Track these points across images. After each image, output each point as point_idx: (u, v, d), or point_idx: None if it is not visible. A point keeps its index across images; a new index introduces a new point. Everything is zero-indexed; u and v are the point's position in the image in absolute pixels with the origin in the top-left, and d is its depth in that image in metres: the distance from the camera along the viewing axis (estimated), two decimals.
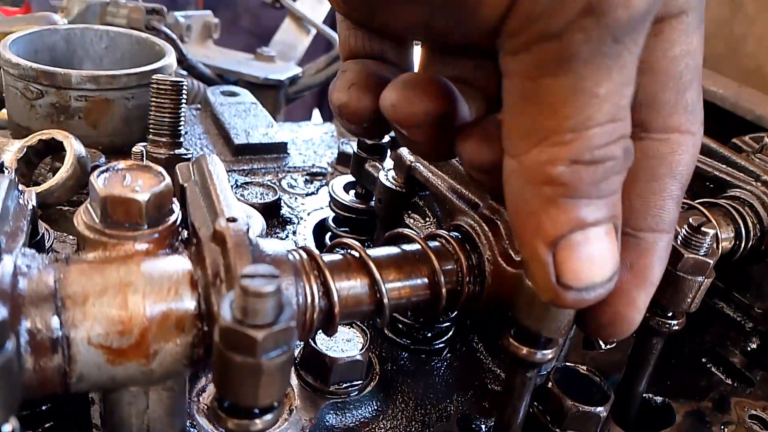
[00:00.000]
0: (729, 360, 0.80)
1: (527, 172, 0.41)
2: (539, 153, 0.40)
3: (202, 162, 0.58)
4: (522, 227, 0.43)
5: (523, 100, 0.40)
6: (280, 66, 1.58)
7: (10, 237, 0.49)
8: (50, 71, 0.91)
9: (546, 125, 0.39)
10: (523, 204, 0.42)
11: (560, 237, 0.41)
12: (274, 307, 0.39)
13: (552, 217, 0.41)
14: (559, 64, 0.37)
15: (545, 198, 0.41)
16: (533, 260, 0.43)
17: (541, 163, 0.40)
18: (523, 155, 0.41)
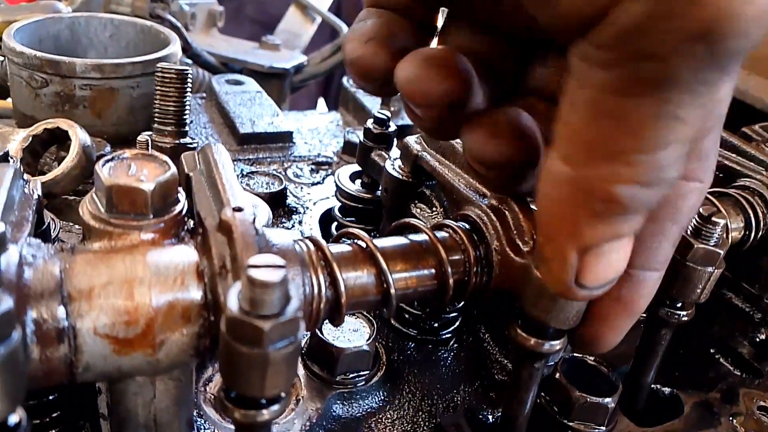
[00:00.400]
0: (737, 351, 0.80)
1: (583, 183, 0.40)
2: (602, 168, 0.38)
3: (207, 151, 0.57)
4: (555, 229, 0.43)
5: (598, 113, 0.37)
6: (285, 54, 1.57)
7: (15, 227, 0.49)
8: (55, 60, 0.91)
9: (619, 143, 0.37)
10: (564, 209, 0.42)
11: (594, 246, 0.42)
12: (281, 297, 0.39)
13: (593, 228, 0.41)
14: (653, 85, 0.35)
15: (592, 211, 0.40)
16: (557, 259, 0.44)
17: (602, 179, 0.38)
18: (582, 167, 0.39)
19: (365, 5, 0.52)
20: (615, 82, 0.36)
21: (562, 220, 0.42)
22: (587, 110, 0.38)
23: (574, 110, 0.39)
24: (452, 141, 0.68)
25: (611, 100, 0.36)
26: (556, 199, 0.42)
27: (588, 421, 0.63)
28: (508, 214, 0.58)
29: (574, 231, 0.42)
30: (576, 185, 0.40)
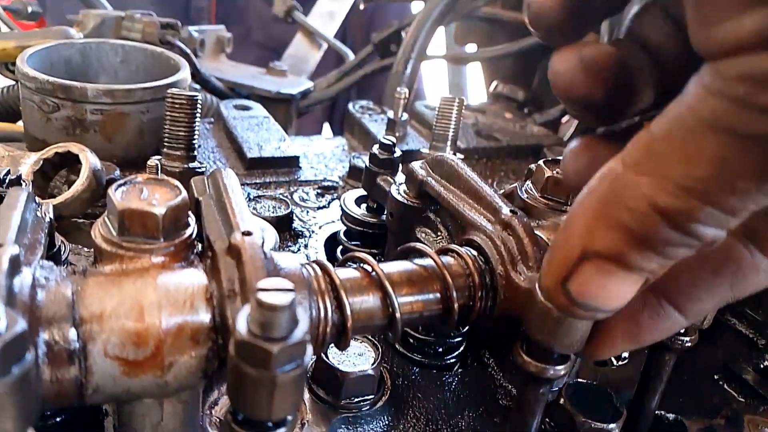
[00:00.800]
0: (742, 377, 0.80)
1: (623, 188, 0.38)
2: (648, 183, 0.37)
3: (217, 176, 0.58)
4: (574, 221, 0.42)
5: (686, 137, 0.36)
6: (291, 80, 1.59)
7: (28, 249, 0.50)
8: (66, 85, 0.92)
9: (685, 173, 0.36)
10: (591, 205, 0.41)
11: (597, 255, 0.41)
12: (289, 320, 0.40)
13: (605, 238, 0.40)
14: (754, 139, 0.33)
15: (617, 221, 0.39)
16: (559, 249, 0.43)
17: (643, 198, 0.37)
18: (632, 171, 0.38)
19: None
20: (713, 116, 0.34)
21: (583, 216, 0.41)
22: (670, 125, 0.37)
23: (666, 123, 0.37)
24: (455, 165, 0.69)
25: (696, 126, 0.35)
26: (591, 191, 0.41)
27: None
28: (512, 239, 0.59)
29: (588, 232, 0.41)
30: (614, 184, 0.39)
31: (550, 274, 0.45)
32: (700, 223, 0.36)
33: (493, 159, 1.29)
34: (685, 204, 0.36)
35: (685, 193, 0.36)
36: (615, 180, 0.39)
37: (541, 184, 0.66)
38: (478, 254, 0.61)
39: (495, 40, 1.72)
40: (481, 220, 0.63)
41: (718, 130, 0.34)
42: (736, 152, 0.34)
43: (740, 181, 0.34)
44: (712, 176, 0.35)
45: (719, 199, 0.35)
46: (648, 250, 0.39)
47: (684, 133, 0.36)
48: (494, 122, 1.41)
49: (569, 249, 0.42)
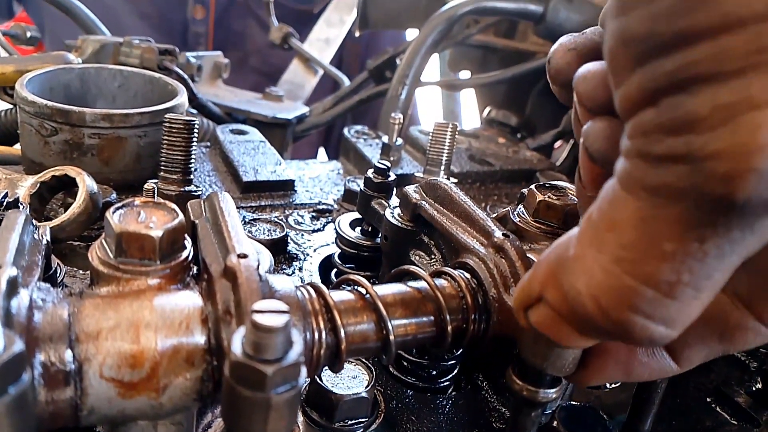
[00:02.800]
0: (734, 400, 0.80)
1: (573, 259, 0.39)
2: (587, 259, 0.37)
3: (213, 199, 0.59)
4: (543, 261, 0.43)
5: (605, 201, 0.37)
6: (287, 105, 1.61)
7: (26, 271, 0.50)
8: (65, 109, 0.93)
9: (606, 240, 0.36)
10: (555, 258, 0.41)
11: (548, 304, 0.42)
12: (284, 342, 0.40)
13: (553, 293, 0.41)
14: (658, 194, 0.33)
15: (562, 287, 0.40)
16: (528, 282, 0.45)
17: (585, 269, 0.38)
18: (580, 245, 0.38)
19: None
20: (626, 176, 0.35)
21: (546, 263, 0.43)
22: (602, 195, 0.37)
23: (600, 195, 0.38)
24: (449, 189, 0.70)
25: (618, 191, 0.36)
26: (556, 244, 0.42)
27: None
28: (505, 262, 0.60)
29: (544, 279, 0.42)
30: (565, 248, 0.40)
31: (517, 297, 0.47)
32: (635, 312, 0.35)
33: (486, 183, 1.30)
34: (617, 282, 0.35)
35: (617, 267, 0.35)
36: (567, 247, 0.40)
37: (533, 208, 0.67)
38: (471, 277, 0.62)
39: (488, 66, 1.75)
40: (474, 243, 0.64)
41: (633, 190, 0.34)
42: (653, 210, 0.34)
43: (665, 243, 0.33)
44: (637, 241, 0.34)
45: (649, 270, 0.34)
46: (584, 332, 0.40)
47: (610, 201, 0.36)
48: (487, 147, 1.42)
49: (531, 284, 0.44)
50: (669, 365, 0.49)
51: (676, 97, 0.31)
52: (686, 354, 0.48)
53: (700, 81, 0.31)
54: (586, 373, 0.51)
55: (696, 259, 0.33)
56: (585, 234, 0.38)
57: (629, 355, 0.49)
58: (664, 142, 0.32)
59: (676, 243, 0.33)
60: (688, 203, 0.32)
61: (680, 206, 0.33)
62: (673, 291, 0.34)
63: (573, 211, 0.67)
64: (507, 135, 1.56)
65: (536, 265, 0.45)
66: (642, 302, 0.35)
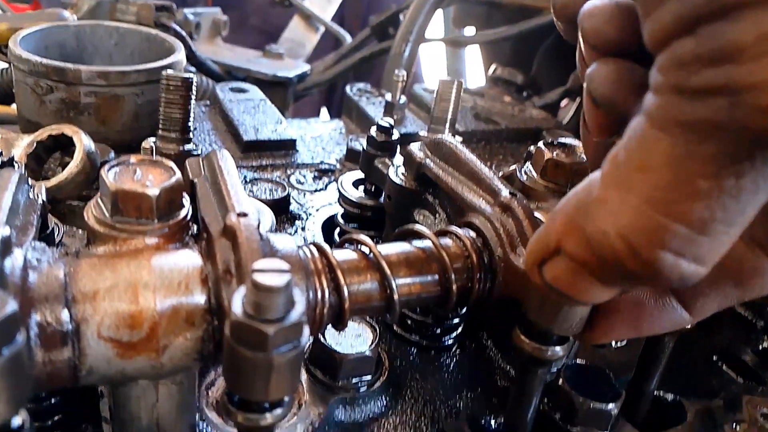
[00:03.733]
0: (740, 358, 0.80)
1: (595, 203, 0.37)
2: (614, 200, 0.35)
3: (212, 157, 0.58)
4: (561, 211, 0.41)
5: (634, 138, 0.35)
6: (288, 63, 1.58)
7: (20, 231, 0.49)
8: (60, 67, 0.91)
9: (632, 177, 0.34)
10: (574, 206, 0.40)
11: (567, 255, 0.40)
12: (285, 302, 0.39)
13: (574, 243, 0.39)
14: (690, 129, 0.32)
15: (584, 234, 0.38)
16: (543, 234, 0.43)
17: (610, 211, 0.36)
18: (603, 187, 0.37)
19: None
20: (658, 112, 0.33)
21: (564, 212, 0.40)
22: (629, 134, 0.35)
23: (627, 131, 0.36)
24: (454, 147, 0.69)
25: (648, 130, 0.34)
26: (575, 190, 0.40)
27: (591, 427, 0.63)
28: (511, 221, 0.58)
29: (563, 230, 0.40)
30: (587, 194, 0.38)
31: (531, 253, 0.44)
32: (666, 250, 0.34)
33: (491, 142, 1.28)
34: (648, 222, 0.34)
35: (649, 208, 0.33)
36: (589, 191, 0.38)
37: (541, 167, 0.65)
38: (477, 236, 0.60)
39: (494, 23, 1.71)
40: (480, 202, 0.62)
41: (666, 127, 0.33)
42: (688, 147, 0.32)
43: (700, 180, 0.32)
44: (671, 180, 0.33)
45: (683, 208, 0.33)
46: (608, 279, 0.38)
47: (639, 139, 0.34)
48: (493, 106, 1.40)
49: (548, 237, 0.42)
50: (681, 316, 0.47)
51: (716, 24, 0.29)
52: (700, 303, 0.46)
53: (744, 6, 0.29)
54: (594, 333, 0.50)
55: (731, 196, 0.32)
56: (610, 175, 0.36)
57: (638, 311, 0.48)
58: (702, 74, 0.30)
59: (711, 180, 0.32)
60: (727, 138, 0.31)
61: (717, 142, 0.31)
62: (707, 228, 0.33)
63: (581, 170, 0.65)
64: (513, 93, 1.53)
65: (551, 216, 0.43)
66: (674, 240, 0.33)
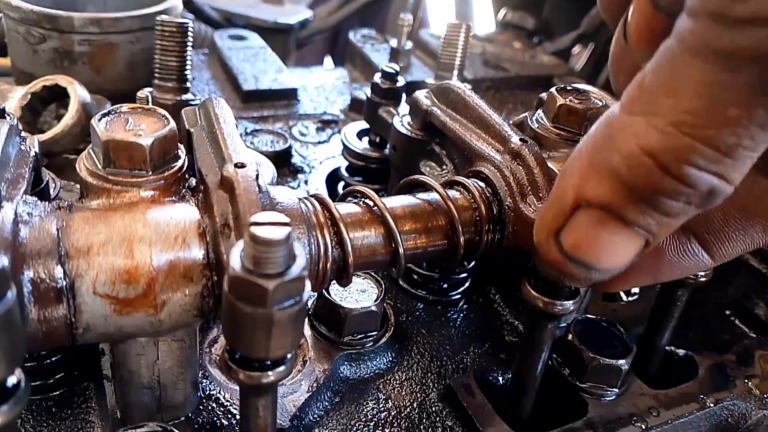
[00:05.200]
0: (754, 312, 0.78)
1: (612, 133, 0.37)
2: (639, 123, 0.35)
3: (208, 105, 0.55)
4: (571, 166, 0.40)
5: (665, 63, 0.34)
6: (289, 9, 1.52)
7: (11, 184, 0.47)
8: (52, 14, 0.88)
9: (664, 103, 0.34)
10: (585, 153, 0.39)
11: (590, 203, 0.38)
12: (286, 255, 0.37)
13: (598, 185, 0.37)
14: (727, 54, 0.31)
15: (606, 167, 0.37)
16: (554, 199, 0.41)
17: (636, 132, 0.35)
18: (624, 112, 0.36)
19: None
20: (694, 38, 0.32)
21: (578, 162, 0.39)
22: (658, 58, 0.35)
23: (656, 56, 0.35)
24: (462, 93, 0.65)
25: (681, 54, 0.33)
26: (588, 135, 0.39)
27: (601, 383, 0.62)
28: (522, 169, 0.56)
29: (581, 179, 0.38)
30: (609, 126, 0.37)
31: (543, 225, 0.42)
32: (694, 166, 0.34)
33: (501, 90, 1.24)
34: (675, 142, 0.34)
35: (676, 130, 0.33)
36: (610, 123, 0.37)
37: (553, 113, 0.62)
38: (486, 186, 0.58)
39: None
40: (489, 150, 0.60)
41: (701, 53, 0.32)
42: (722, 75, 0.32)
43: (730, 108, 0.32)
44: (701, 106, 0.33)
45: (710, 133, 0.33)
46: (641, 201, 0.36)
47: (671, 64, 0.34)
48: (502, 51, 1.35)
49: (562, 197, 0.40)
50: (702, 259, 0.46)
51: None
52: (724, 247, 0.45)
53: None
54: (611, 282, 0.48)
55: (759, 125, 0.32)
56: (635, 100, 0.36)
57: (657, 256, 0.46)
58: (747, 3, 0.30)
59: (742, 109, 0.32)
60: (762, 69, 0.31)
61: (753, 71, 0.31)
62: (733, 152, 0.33)
63: (595, 116, 0.62)
64: (523, 39, 1.47)
65: (562, 175, 0.41)
66: (701, 159, 0.34)
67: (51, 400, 0.55)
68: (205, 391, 0.58)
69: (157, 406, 0.52)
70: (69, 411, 0.55)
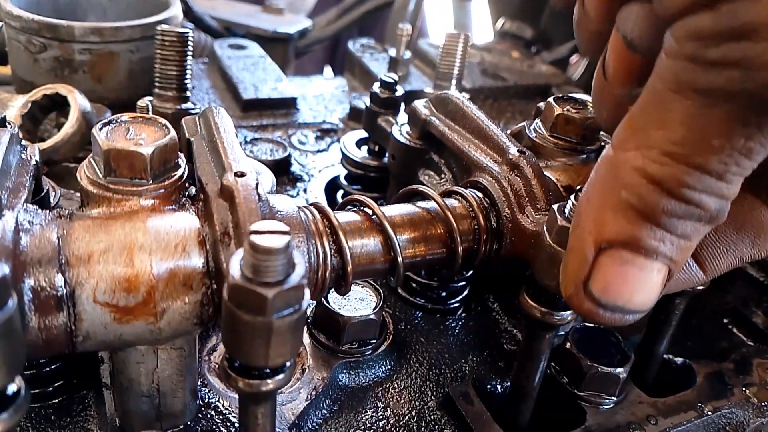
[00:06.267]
0: (751, 320, 0.78)
1: (615, 165, 0.39)
2: (636, 156, 0.38)
3: (208, 115, 0.55)
4: (584, 215, 0.42)
5: (650, 99, 0.38)
6: (289, 18, 1.53)
7: (12, 193, 0.48)
8: (53, 23, 0.88)
9: (652, 135, 0.38)
10: (594, 193, 0.41)
11: (611, 244, 0.40)
12: (285, 264, 0.38)
13: (615, 222, 0.40)
14: (704, 92, 0.35)
15: (618, 199, 0.39)
16: (574, 249, 0.43)
17: (631, 166, 0.38)
18: (618, 149, 0.39)
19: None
20: (674, 77, 0.35)
21: (589, 208, 0.41)
22: (644, 96, 0.38)
23: (642, 96, 0.38)
24: (461, 103, 0.66)
25: (664, 92, 0.36)
26: (591, 182, 0.41)
27: (599, 391, 0.62)
28: (520, 180, 0.56)
29: (597, 220, 0.40)
30: (609, 167, 0.40)
31: (569, 279, 0.43)
32: (693, 190, 0.37)
33: (499, 99, 1.24)
34: (671, 169, 0.37)
35: (669, 159, 0.37)
36: (608, 163, 0.40)
37: (551, 123, 0.63)
38: (484, 196, 0.58)
39: None
40: (488, 160, 0.60)
41: (682, 90, 0.35)
42: (702, 110, 0.35)
43: (714, 139, 0.35)
44: (688, 137, 0.36)
45: (701, 161, 0.36)
46: (656, 226, 0.38)
47: (656, 101, 0.37)
48: (501, 61, 1.36)
49: (582, 247, 0.41)
50: (694, 275, 0.47)
51: (736, 3, 0.32)
52: (716, 263, 0.47)
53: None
54: None
55: (742, 153, 0.35)
56: (628, 138, 0.39)
57: None
58: (719, 48, 0.33)
59: (723, 139, 0.35)
60: (737, 104, 0.34)
61: (729, 107, 0.34)
62: (723, 176, 0.37)
63: (593, 126, 0.63)
64: (521, 48, 1.48)
65: (577, 225, 0.43)
66: (697, 183, 0.37)
67: (50, 408, 0.55)
68: (204, 399, 0.58)
69: (156, 414, 0.52)
70: (68, 419, 0.55)
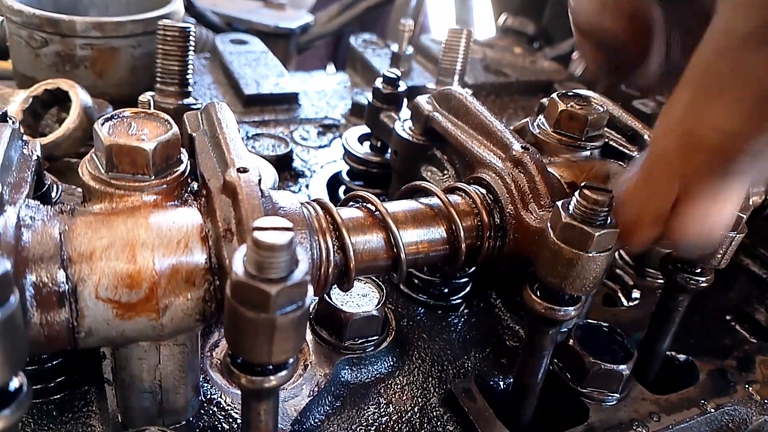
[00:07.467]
0: (754, 317, 0.78)
1: (681, 119, 0.43)
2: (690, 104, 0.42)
3: (210, 110, 0.55)
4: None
5: (717, 53, 0.40)
6: (290, 14, 1.53)
7: (13, 188, 0.47)
8: (54, 18, 0.88)
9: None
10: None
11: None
12: (288, 260, 0.37)
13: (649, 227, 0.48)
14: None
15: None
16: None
17: (692, 114, 0.42)
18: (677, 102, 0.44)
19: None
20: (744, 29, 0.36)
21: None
22: (706, 48, 0.39)
23: (699, 47, 0.39)
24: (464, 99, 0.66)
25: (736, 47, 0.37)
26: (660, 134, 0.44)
27: (602, 388, 0.62)
28: (523, 176, 0.56)
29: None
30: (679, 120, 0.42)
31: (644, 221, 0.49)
32: None
33: (501, 95, 1.24)
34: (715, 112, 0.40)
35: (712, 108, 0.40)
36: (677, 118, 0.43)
37: (555, 119, 0.63)
38: (487, 193, 0.58)
39: None
40: (491, 156, 0.60)
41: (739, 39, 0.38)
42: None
43: None
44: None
45: None
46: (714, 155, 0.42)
47: (707, 50, 0.40)
48: (503, 57, 1.35)
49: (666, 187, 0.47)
50: None
51: None
52: None
53: None
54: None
55: None
56: None
57: None
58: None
59: None
60: None
61: None
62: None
63: (596, 122, 0.62)
64: (523, 44, 1.48)
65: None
66: None
67: (52, 404, 0.55)
68: (206, 396, 0.58)
69: (158, 410, 0.52)
70: (70, 415, 0.55)
